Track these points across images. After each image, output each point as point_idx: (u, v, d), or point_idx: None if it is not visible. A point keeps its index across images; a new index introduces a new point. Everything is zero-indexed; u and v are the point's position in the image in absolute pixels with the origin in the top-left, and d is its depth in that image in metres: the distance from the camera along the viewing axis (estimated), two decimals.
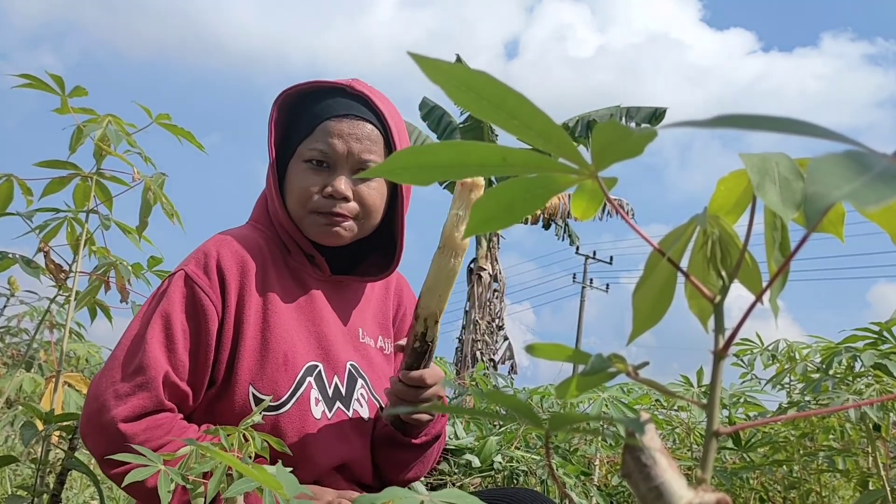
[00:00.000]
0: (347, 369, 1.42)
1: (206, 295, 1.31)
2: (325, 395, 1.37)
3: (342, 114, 1.40)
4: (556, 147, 0.43)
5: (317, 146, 1.38)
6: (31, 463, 1.69)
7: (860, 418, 1.98)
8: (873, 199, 0.27)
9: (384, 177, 0.43)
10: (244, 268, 1.35)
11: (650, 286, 0.51)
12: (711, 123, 0.32)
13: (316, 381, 1.36)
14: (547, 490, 2.80)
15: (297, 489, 0.77)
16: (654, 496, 0.42)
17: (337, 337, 1.42)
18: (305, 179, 1.38)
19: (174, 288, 1.32)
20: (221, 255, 1.34)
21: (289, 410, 1.32)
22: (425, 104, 15.23)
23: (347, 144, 1.38)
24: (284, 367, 1.33)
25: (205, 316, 1.30)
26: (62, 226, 1.81)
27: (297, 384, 1.34)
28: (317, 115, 1.40)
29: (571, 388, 0.52)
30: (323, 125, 1.39)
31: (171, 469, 1.03)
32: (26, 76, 1.69)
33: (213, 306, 1.31)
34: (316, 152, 1.38)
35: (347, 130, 1.38)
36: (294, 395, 1.33)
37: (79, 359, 4.44)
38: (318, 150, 1.38)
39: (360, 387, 1.43)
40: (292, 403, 1.32)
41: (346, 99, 1.42)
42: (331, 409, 1.37)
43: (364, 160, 1.39)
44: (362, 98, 1.42)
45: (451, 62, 0.39)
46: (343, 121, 1.39)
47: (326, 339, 1.40)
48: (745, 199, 0.51)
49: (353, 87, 1.42)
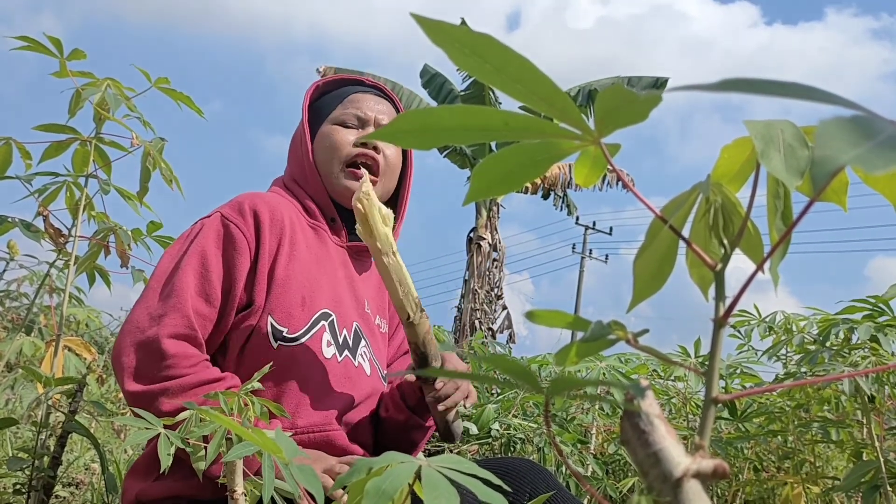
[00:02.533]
0: (354, 327, 1.52)
1: (241, 231, 1.42)
2: (335, 340, 1.47)
3: (366, 90, 1.65)
4: (559, 112, 0.42)
5: (348, 111, 1.60)
6: (31, 425, 1.71)
7: (855, 390, 1.99)
8: (881, 163, 0.27)
9: (387, 140, 0.43)
10: (275, 216, 1.46)
11: (651, 254, 0.51)
12: (717, 87, 0.32)
13: (329, 327, 1.47)
14: (543, 458, 2.83)
15: (296, 452, 0.78)
16: (651, 462, 0.42)
17: (347, 297, 1.54)
18: (339, 133, 1.57)
19: (210, 225, 1.43)
20: (255, 203, 1.46)
21: (302, 344, 1.42)
22: (426, 71, 15.10)
23: (374, 111, 1.61)
24: (302, 306, 1.43)
25: (238, 249, 1.41)
26: (61, 190, 1.81)
27: (311, 323, 1.44)
28: (345, 92, 1.65)
29: (571, 355, 0.52)
30: (351, 96, 1.63)
31: (171, 433, 1.03)
32: (24, 38, 1.68)
33: (245, 241, 1.41)
34: (349, 115, 1.59)
35: (373, 103, 1.62)
36: (308, 332, 1.43)
37: (79, 323, 4.45)
38: (352, 112, 1.60)
39: (363, 346, 1.54)
40: (306, 339, 1.42)
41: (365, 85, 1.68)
42: (340, 354, 1.47)
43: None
44: (377, 87, 1.68)
45: (454, 24, 0.38)
46: (368, 94, 1.64)
47: (339, 295, 1.52)
48: (749, 167, 0.50)
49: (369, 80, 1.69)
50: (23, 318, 3.10)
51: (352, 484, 0.63)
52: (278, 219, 1.46)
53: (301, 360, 1.40)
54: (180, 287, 1.35)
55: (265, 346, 1.39)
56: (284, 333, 1.40)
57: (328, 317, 1.47)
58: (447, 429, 1.48)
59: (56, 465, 1.67)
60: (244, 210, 1.44)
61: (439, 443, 3.38)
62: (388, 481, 0.59)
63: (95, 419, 3.65)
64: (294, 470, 0.77)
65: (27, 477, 1.65)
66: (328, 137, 1.58)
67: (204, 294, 1.37)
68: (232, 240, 1.41)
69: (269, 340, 1.39)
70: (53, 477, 1.66)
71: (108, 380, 5.02)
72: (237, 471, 0.94)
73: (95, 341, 5.93)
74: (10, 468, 1.64)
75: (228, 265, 1.40)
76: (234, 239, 1.41)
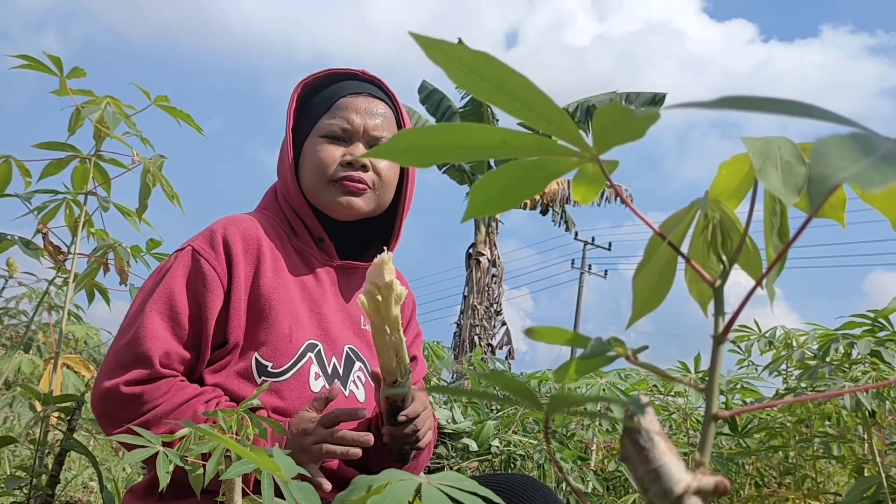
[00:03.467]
0: (345, 352, 1.45)
1: (212, 266, 1.35)
2: (324, 371, 1.41)
3: (357, 91, 1.50)
4: (557, 129, 0.42)
5: (335, 121, 1.46)
6: (29, 444, 1.70)
7: (856, 405, 1.99)
8: (878, 181, 0.27)
9: (386, 157, 0.43)
10: (251, 244, 1.39)
11: (650, 270, 0.51)
12: (715, 105, 0.32)
13: (316, 358, 1.40)
14: (543, 475, 2.82)
15: (294, 471, 0.78)
16: (652, 478, 0.42)
17: (337, 321, 1.46)
18: (324, 150, 1.45)
19: (179, 261, 1.37)
20: (228, 232, 1.39)
21: (289, 379, 1.36)
22: (424, 87, 15.16)
23: (364, 120, 1.47)
24: (289, 339, 1.37)
25: (208, 286, 1.34)
26: (60, 207, 1.81)
27: (298, 356, 1.38)
28: (333, 95, 1.49)
29: (570, 372, 0.52)
30: (340, 101, 1.48)
31: (169, 450, 1.03)
32: (25, 56, 1.68)
33: (216, 277, 1.35)
34: (335, 127, 1.46)
35: (364, 106, 1.48)
36: (295, 366, 1.37)
37: (77, 341, 4.43)
38: (337, 124, 1.46)
39: (358, 369, 1.46)
40: (293, 373, 1.37)
41: (360, 81, 1.52)
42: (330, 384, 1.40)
43: (378, 136, 1.48)
44: (374, 81, 1.53)
45: (452, 42, 0.39)
46: (359, 97, 1.49)
47: (327, 320, 1.44)
48: (747, 184, 0.50)
49: (364, 73, 1.53)
50: (21, 336, 3.09)
51: (351, 502, 0.62)
52: (253, 247, 1.39)
53: (287, 395, 1.35)
54: (147, 331, 1.30)
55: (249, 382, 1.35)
56: (269, 368, 1.35)
57: (314, 347, 1.40)
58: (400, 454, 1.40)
59: (54, 484, 1.66)
60: (216, 241, 1.37)
61: (439, 459, 3.37)
62: (388, 499, 0.59)
63: (94, 437, 3.63)
64: (293, 488, 0.77)
65: (25, 495, 1.65)
66: (313, 154, 1.46)
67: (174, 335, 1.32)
68: (202, 277, 1.35)
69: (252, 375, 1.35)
70: (52, 495, 1.66)
71: None
72: (236, 489, 0.94)
73: (94, 359, 5.91)
74: (8, 487, 1.63)
75: (198, 304, 1.34)
76: (205, 276, 1.35)
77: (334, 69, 1.53)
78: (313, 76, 1.52)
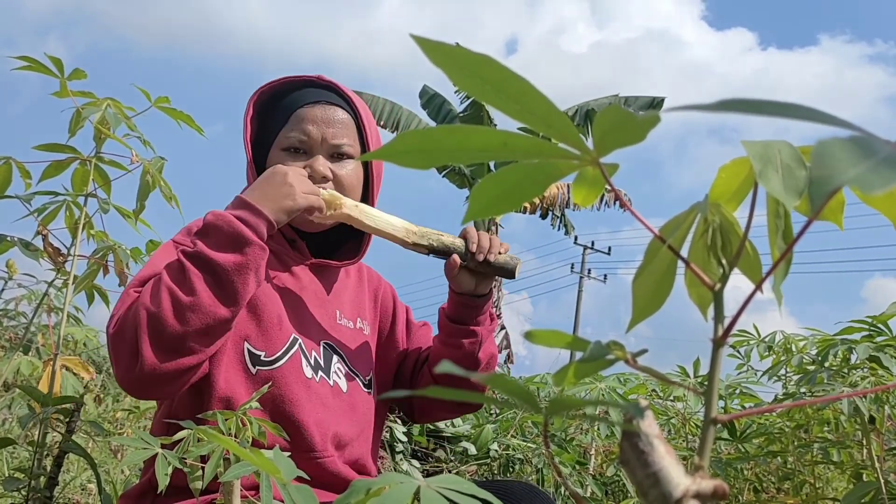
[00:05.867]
0: (322, 346, 1.46)
1: None
2: (308, 362, 1.41)
3: (314, 101, 1.47)
4: (557, 132, 0.42)
5: (293, 134, 1.45)
6: (28, 445, 1.70)
7: (854, 410, 1.99)
8: (878, 183, 0.27)
9: (387, 160, 0.43)
10: None
11: (650, 274, 0.51)
12: (715, 108, 0.32)
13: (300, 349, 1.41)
14: (542, 479, 2.81)
15: (294, 473, 0.77)
16: (651, 482, 0.41)
17: (313, 318, 1.47)
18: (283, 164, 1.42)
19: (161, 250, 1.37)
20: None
21: (282, 366, 1.36)
22: (425, 92, 15.18)
23: (321, 130, 1.45)
24: (279, 326, 1.38)
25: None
26: (60, 209, 1.81)
27: (289, 344, 1.39)
28: (290, 105, 1.48)
29: (569, 375, 0.52)
30: (297, 113, 1.46)
31: (168, 452, 1.03)
32: (25, 58, 1.68)
33: None
34: (293, 139, 1.45)
35: (321, 116, 1.46)
36: (287, 353, 1.38)
37: (76, 342, 4.43)
38: (295, 136, 1.44)
39: (337, 362, 1.47)
40: (286, 360, 1.37)
41: (317, 88, 1.50)
42: (317, 375, 1.41)
43: (338, 144, 1.47)
44: (331, 87, 1.51)
45: (453, 45, 0.39)
46: (316, 107, 1.47)
47: (303, 317, 1.45)
48: (746, 187, 0.50)
49: (321, 78, 1.51)
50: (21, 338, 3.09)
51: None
52: None
53: (282, 382, 1.35)
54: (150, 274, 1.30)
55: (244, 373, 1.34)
56: (262, 357, 1.35)
57: (296, 341, 1.41)
58: (501, 270, 1.50)
59: (53, 486, 1.66)
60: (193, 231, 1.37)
61: (437, 463, 3.36)
62: (387, 502, 0.58)
63: (93, 439, 3.63)
64: (292, 491, 0.77)
65: (23, 497, 1.64)
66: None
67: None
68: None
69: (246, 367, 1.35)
70: (50, 497, 1.65)
71: (105, 399, 5.00)
72: (235, 491, 0.94)
73: (93, 361, 5.92)
74: (7, 488, 1.63)
75: None
76: None
77: (290, 77, 1.52)
78: (269, 85, 1.51)
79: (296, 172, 1.36)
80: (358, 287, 1.61)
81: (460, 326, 1.53)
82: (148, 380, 1.20)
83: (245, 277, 1.25)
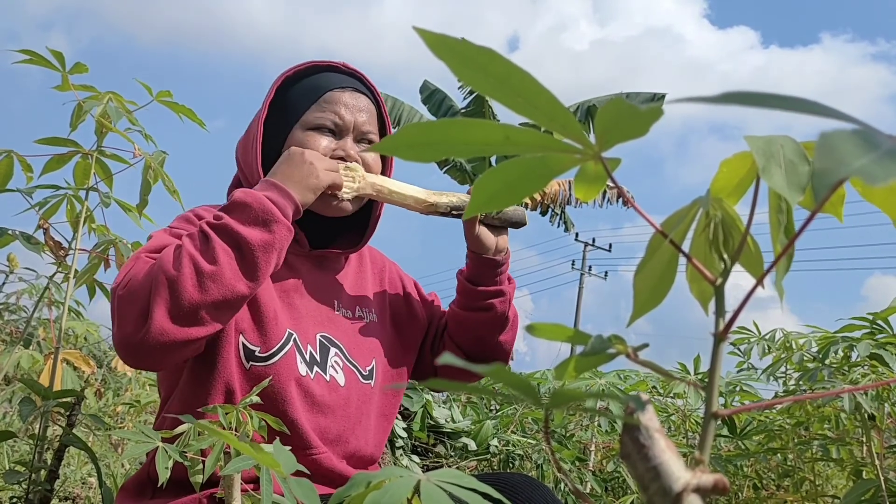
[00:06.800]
0: (318, 340, 1.44)
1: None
2: (304, 358, 1.39)
3: (343, 86, 1.47)
4: (560, 126, 0.42)
5: (326, 114, 1.44)
6: (29, 439, 1.70)
7: (855, 408, 1.99)
8: (881, 176, 0.27)
9: (390, 153, 0.43)
10: None
11: (651, 268, 0.51)
12: (718, 100, 0.32)
13: (295, 345, 1.39)
14: (542, 475, 2.82)
15: (294, 467, 0.78)
16: (651, 476, 0.42)
17: (309, 310, 1.45)
18: (312, 142, 1.42)
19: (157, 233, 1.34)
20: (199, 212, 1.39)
21: (276, 363, 1.34)
22: (426, 87, 15.16)
23: (354, 115, 1.45)
24: (275, 321, 1.36)
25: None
26: (62, 203, 1.81)
27: (284, 340, 1.37)
28: (318, 87, 1.46)
29: (570, 369, 0.52)
30: (327, 95, 1.45)
31: (168, 446, 1.03)
32: (27, 51, 1.68)
33: None
34: (324, 119, 1.44)
35: (351, 102, 1.46)
36: (282, 349, 1.36)
37: (77, 337, 4.45)
38: (329, 118, 1.44)
39: (334, 355, 1.45)
40: (280, 356, 1.35)
41: (343, 74, 1.50)
42: (312, 371, 1.39)
43: (366, 131, 1.48)
44: (356, 75, 1.52)
45: (456, 38, 0.39)
46: (346, 92, 1.47)
47: (298, 311, 1.43)
48: (748, 182, 0.50)
49: (346, 66, 1.51)
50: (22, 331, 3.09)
51: (350, 498, 0.62)
52: None
53: (274, 381, 1.33)
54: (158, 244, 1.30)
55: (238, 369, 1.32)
56: (256, 353, 1.33)
57: (291, 336, 1.39)
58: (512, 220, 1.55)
59: (53, 479, 1.67)
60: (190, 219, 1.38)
61: (437, 459, 3.37)
62: (387, 496, 0.59)
63: (93, 433, 3.64)
64: (293, 484, 0.77)
65: (24, 490, 1.65)
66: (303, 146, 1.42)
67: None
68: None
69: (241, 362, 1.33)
70: (50, 490, 1.66)
71: (106, 393, 5.01)
72: (235, 485, 0.94)
73: (94, 355, 5.93)
74: (7, 481, 1.63)
75: None
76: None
77: (316, 61, 1.50)
78: (294, 69, 1.48)
79: (313, 152, 1.37)
80: (358, 275, 1.59)
81: (487, 289, 1.54)
82: (151, 344, 1.18)
83: (269, 256, 1.25)
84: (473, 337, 1.58)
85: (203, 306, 1.20)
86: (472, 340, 1.59)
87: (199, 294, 1.19)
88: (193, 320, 1.20)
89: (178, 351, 1.21)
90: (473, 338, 1.58)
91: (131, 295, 1.21)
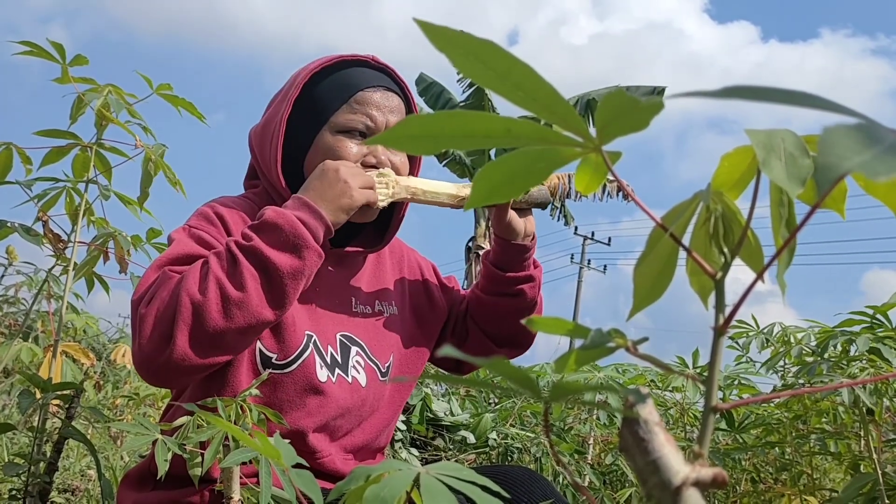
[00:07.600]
0: (338, 339, 1.41)
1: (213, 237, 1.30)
2: (324, 361, 1.37)
3: (374, 84, 1.41)
4: (560, 119, 0.42)
5: (357, 116, 1.38)
6: (28, 431, 1.70)
7: (853, 402, 1.99)
8: (884, 170, 0.27)
9: (391, 145, 0.43)
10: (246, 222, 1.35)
11: (651, 262, 0.51)
12: (719, 94, 0.32)
13: (315, 348, 1.36)
14: (541, 468, 2.82)
15: (294, 459, 0.78)
16: (651, 470, 0.42)
17: (327, 309, 1.42)
18: (344, 149, 1.38)
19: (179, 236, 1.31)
20: (219, 210, 1.36)
21: (294, 370, 1.32)
22: (423, 80, 15.12)
23: (385, 117, 1.40)
24: (293, 328, 1.33)
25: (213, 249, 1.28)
26: (61, 195, 1.81)
27: (303, 347, 1.34)
28: (349, 86, 1.40)
29: (570, 363, 0.52)
30: (358, 96, 1.39)
31: (168, 438, 1.03)
32: (27, 43, 1.68)
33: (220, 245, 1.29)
34: (357, 122, 1.38)
35: (383, 102, 1.41)
36: (300, 357, 1.33)
37: (76, 329, 4.45)
38: (360, 120, 1.38)
39: (356, 354, 1.42)
40: (297, 364, 1.33)
41: (373, 70, 1.44)
42: (333, 374, 1.37)
43: None
44: (386, 70, 1.45)
45: (457, 30, 0.39)
46: (377, 91, 1.41)
47: (316, 311, 1.40)
48: (749, 176, 0.50)
49: (376, 60, 1.45)
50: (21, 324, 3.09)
51: (350, 491, 0.62)
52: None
53: (290, 389, 1.32)
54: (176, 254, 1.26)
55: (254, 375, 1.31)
56: (273, 360, 1.31)
57: (311, 338, 1.36)
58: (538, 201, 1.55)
59: (52, 471, 1.67)
60: (211, 218, 1.34)
61: (436, 452, 3.37)
62: (386, 488, 0.59)
63: (92, 425, 3.64)
64: (293, 476, 0.77)
65: (23, 482, 1.65)
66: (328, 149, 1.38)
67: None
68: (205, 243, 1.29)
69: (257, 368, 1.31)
70: (49, 483, 1.66)
71: (105, 386, 5.01)
72: (234, 477, 0.94)
73: (93, 347, 5.93)
74: (7, 473, 1.64)
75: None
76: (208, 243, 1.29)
77: (344, 55, 1.43)
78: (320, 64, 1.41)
79: (347, 167, 1.32)
80: (377, 267, 1.55)
81: (517, 275, 1.54)
82: (173, 368, 1.16)
83: (297, 283, 1.22)
84: (502, 323, 1.58)
85: (227, 333, 1.17)
86: (500, 325, 1.59)
87: (224, 321, 1.16)
88: (216, 347, 1.18)
89: (197, 374, 1.20)
90: (502, 323, 1.58)
91: (154, 314, 1.17)
